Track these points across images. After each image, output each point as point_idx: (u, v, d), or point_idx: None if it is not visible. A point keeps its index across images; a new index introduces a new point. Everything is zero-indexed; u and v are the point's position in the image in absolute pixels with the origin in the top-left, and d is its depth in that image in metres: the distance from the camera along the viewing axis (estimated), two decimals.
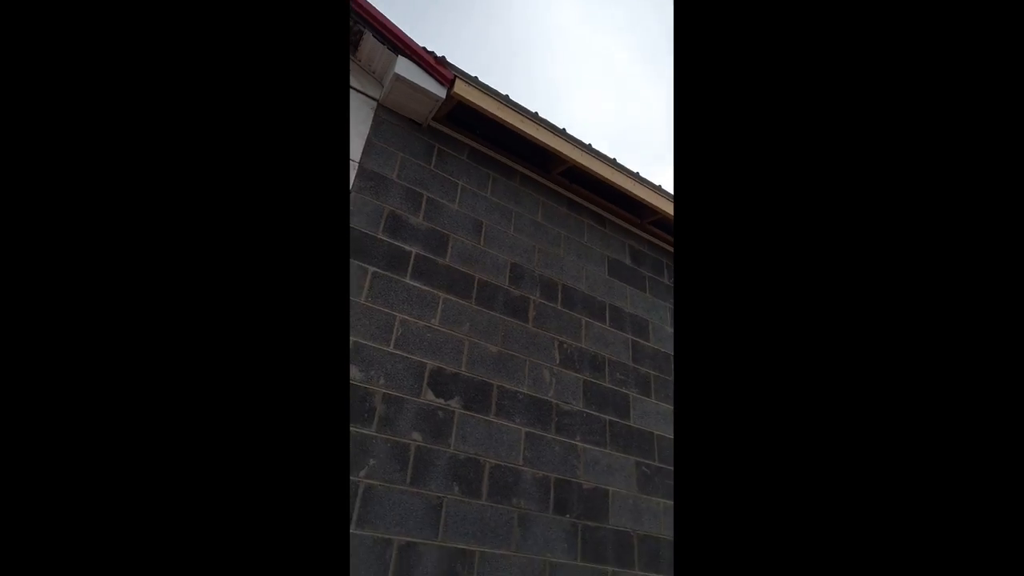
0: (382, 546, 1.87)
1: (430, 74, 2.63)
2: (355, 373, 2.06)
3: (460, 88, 2.67)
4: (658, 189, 3.35)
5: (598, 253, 3.21)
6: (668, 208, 3.35)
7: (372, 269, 2.30)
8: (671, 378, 3.11)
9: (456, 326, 2.42)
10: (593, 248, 3.20)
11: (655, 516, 2.64)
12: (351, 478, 1.90)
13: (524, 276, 2.79)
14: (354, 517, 1.86)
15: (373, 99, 2.70)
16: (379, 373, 2.12)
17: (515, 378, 2.49)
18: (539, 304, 2.77)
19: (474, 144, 2.95)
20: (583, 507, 2.42)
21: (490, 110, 2.75)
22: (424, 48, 2.65)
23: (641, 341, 3.09)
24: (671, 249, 3.60)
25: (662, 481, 2.76)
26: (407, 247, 2.45)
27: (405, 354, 2.22)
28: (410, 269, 2.41)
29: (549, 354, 2.67)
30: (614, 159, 3.18)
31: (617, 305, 3.11)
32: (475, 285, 2.58)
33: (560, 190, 3.21)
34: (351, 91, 2.62)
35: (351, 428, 1.97)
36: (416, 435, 2.10)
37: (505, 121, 2.79)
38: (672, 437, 2.92)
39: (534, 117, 2.91)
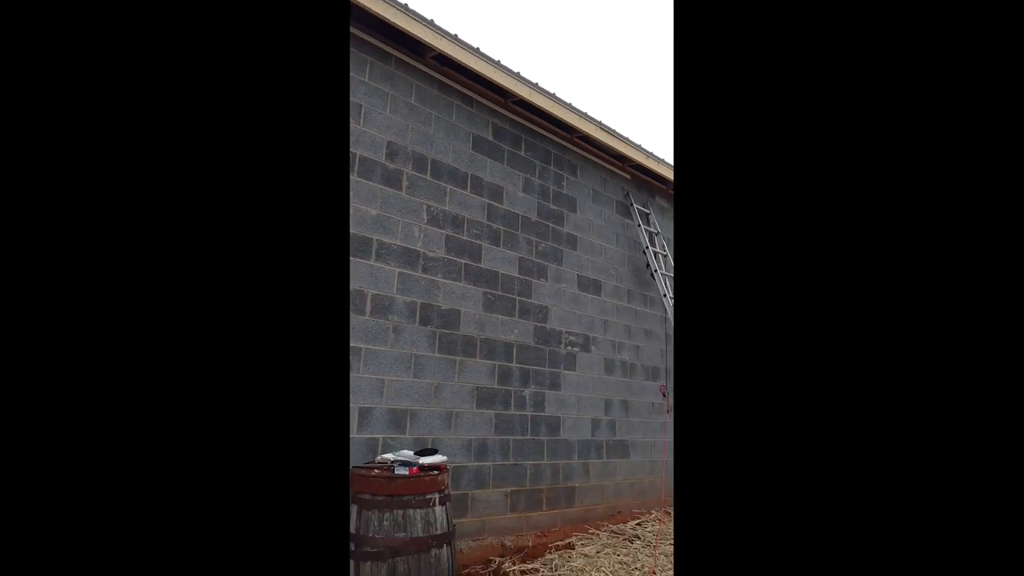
0: None
1: None
2: None
3: None
4: (517, 76, 4.00)
5: (464, 131, 3.93)
6: (525, 93, 4.04)
7: None
8: (517, 232, 4.12)
9: None
10: (460, 126, 3.91)
11: (495, 327, 3.82)
12: None
13: (398, 152, 3.51)
14: None
15: None
16: None
17: (390, 234, 3.36)
18: (411, 175, 3.55)
19: (353, 31, 3.40)
20: (441, 321, 3.52)
21: (362, 2, 3.19)
22: None
23: (495, 204, 4.01)
24: (529, 126, 4.37)
25: (502, 304, 3.91)
26: None
27: None
28: None
29: (419, 215, 3.53)
30: (477, 48, 3.75)
31: (478, 175, 3.95)
32: (356, 160, 3.29)
33: (432, 73, 3.78)
34: None
35: None
36: None
37: (373, 11, 3.25)
38: (514, 275, 4.02)
39: (403, 8, 3.37)
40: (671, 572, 3.19)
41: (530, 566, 3.18)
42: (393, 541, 2.31)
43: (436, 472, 2.58)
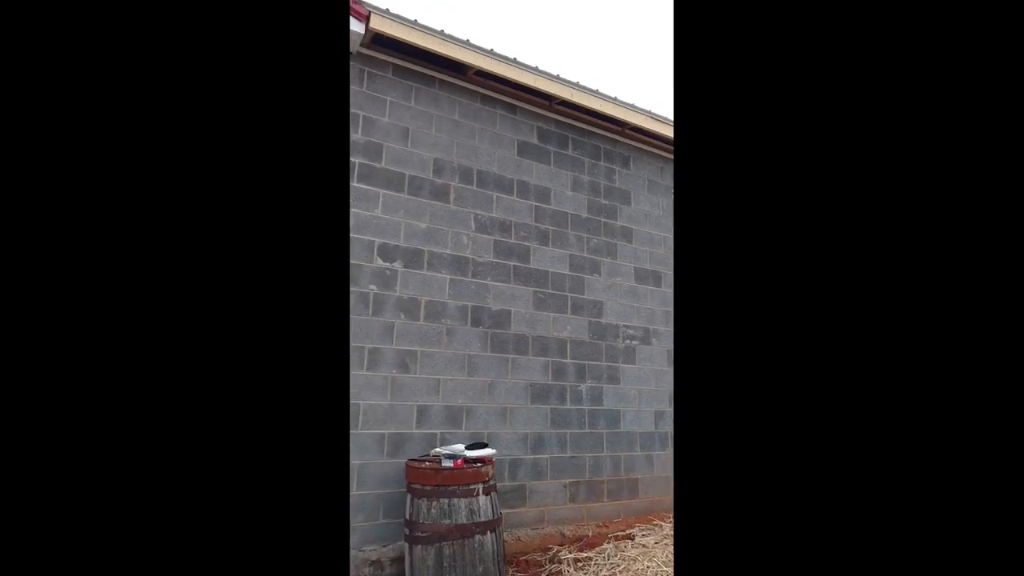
0: (359, 351, 3.22)
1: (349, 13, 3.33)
2: None
3: (375, 22, 3.37)
4: (557, 78, 4.09)
5: (509, 138, 4.09)
6: (567, 94, 4.11)
7: None
8: (567, 230, 4.22)
9: (393, 212, 3.50)
10: (504, 135, 4.08)
11: (546, 324, 3.97)
12: None
13: (445, 167, 3.76)
14: None
15: None
16: None
17: (441, 244, 3.63)
18: (458, 188, 3.79)
19: (397, 62, 3.69)
20: (492, 321, 3.74)
21: (402, 36, 3.47)
22: None
23: (542, 205, 4.14)
24: (576, 124, 4.43)
25: (553, 302, 4.04)
26: (351, 159, 3.42)
27: (358, 236, 3.35)
28: (355, 175, 3.42)
29: (467, 224, 3.77)
30: (515, 58, 3.89)
31: (524, 179, 4.10)
32: (406, 180, 3.59)
33: (475, 88, 3.99)
34: None
35: None
36: (372, 286, 3.34)
37: (413, 43, 3.52)
38: (564, 273, 4.13)
39: (440, 34, 3.60)
40: None
41: (585, 555, 3.32)
42: (439, 527, 2.58)
43: (480, 464, 2.81)
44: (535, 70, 3.98)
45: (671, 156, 4.98)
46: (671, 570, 3.10)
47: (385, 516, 3.09)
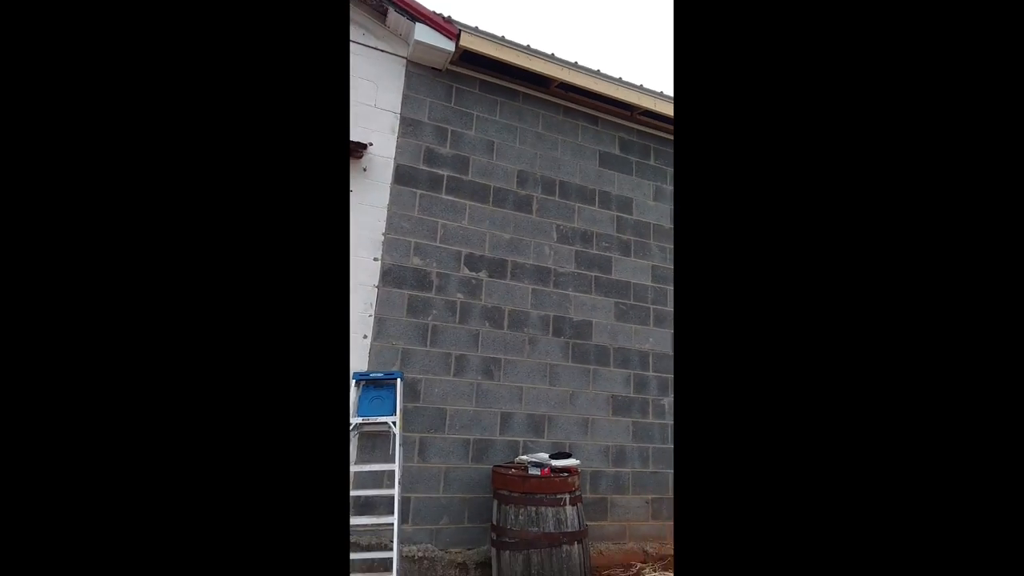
0: (446, 357, 3.31)
1: (440, 32, 3.49)
2: (417, 261, 3.36)
3: (464, 40, 3.51)
4: (640, 88, 4.07)
5: (590, 149, 4.11)
6: (649, 103, 4.08)
7: (419, 191, 3.47)
8: (649, 240, 4.16)
9: (479, 223, 3.60)
10: (586, 146, 4.10)
11: (627, 336, 3.92)
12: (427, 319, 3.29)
13: (528, 179, 3.83)
14: (428, 341, 3.29)
15: (403, 58, 3.62)
16: (432, 260, 3.40)
17: (523, 254, 3.69)
18: (540, 199, 3.84)
19: (483, 77, 3.82)
20: (573, 331, 3.73)
21: (490, 52, 3.58)
22: (434, 12, 3.47)
23: (624, 215, 4.11)
24: (657, 134, 4.37)
25: (635, 314, 3.99)
26: (440, 171, 3.56)
27: (447, 246, 3.46)
28: (444, 187, 3.55)
29: (549, 235, 3.81)
30: (598, 70, 3.92)
31: (605, 190, 4.09)
32: (491, 192, 3.68)
33: (557, 100, 4.04)
34: (386, 54, 3.56)
35: (419, 294, 3.33)
36: (459, 295, 3.44)
37: (501, 59, 3.62)
38: (646, 284, 4.07)
39: (526, 50, 3.69)
40: None
41: (669, 574, 3.21)
42: (527, 534, 2.59)
43: (567, 474, 2.80)
44: (618, 81, 3.98)
45: None
46: None
47: (470, 520, 3.13)
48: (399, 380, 2.96)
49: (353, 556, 2.62)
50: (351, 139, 3.25)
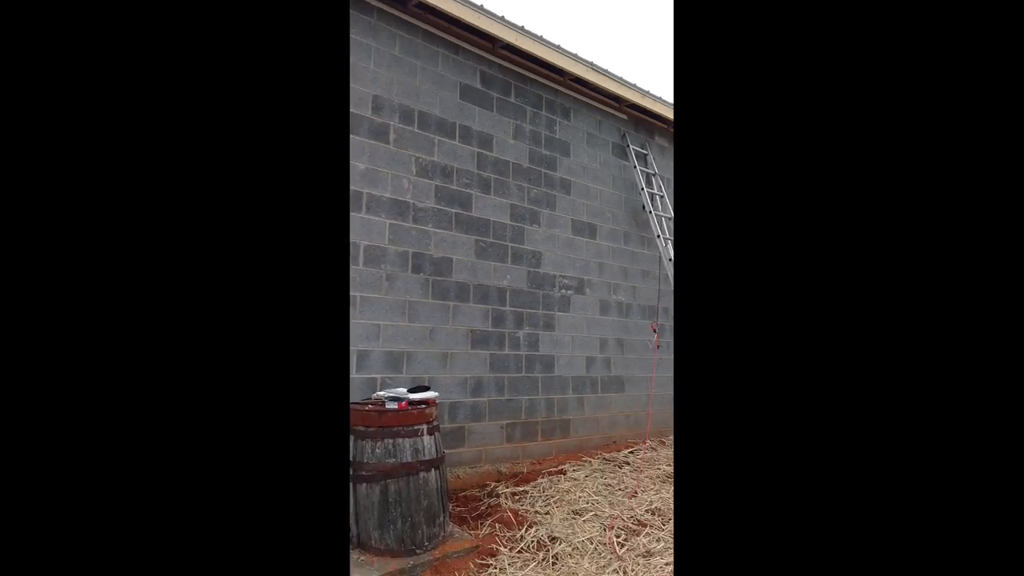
0: None
1: None
2: None
3: None
4: (502, 20, 3.97)
5: (451, 80, 3.96)
6: (511, 38, 4.01)
7: None
8: (508, 179, 4.21)
9: None
10: (447, 76, 3.94)
11: (487, 273, 4.01)
12: None
13: (384, 106, 3.59)
14: None
15: None
16: None
17: (380, 187, 3.52)
18: (398, 128, 3.65)
19: None
20: (433, 268, 3.71)
21: None
22: None
23: (485, 152, 4.09)
24: (519, 71, 4.35)
25: (494, 251, 4.07)
26: None
27: None
28: None
29: (407, 167, 3.66)
30: None
31: (466, 124, 4.01)
32: None
33: (416, 22, 3.79)
34: None
35: None
36: None
37: None
38: (505, 222, 4.15)
39: None
40: (653, 491, 3.48)
41: (521, 488, 3.51)
42: (384, 466, 2.62)
43: (424, 406, 2.85)
44: (479, 8, 3.84)
45: (609, 110, 5.05)
46: (600, 499, 3.36)
47: None
48: None
49: None
50: None
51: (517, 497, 3.39)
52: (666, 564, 2.53)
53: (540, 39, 4.18)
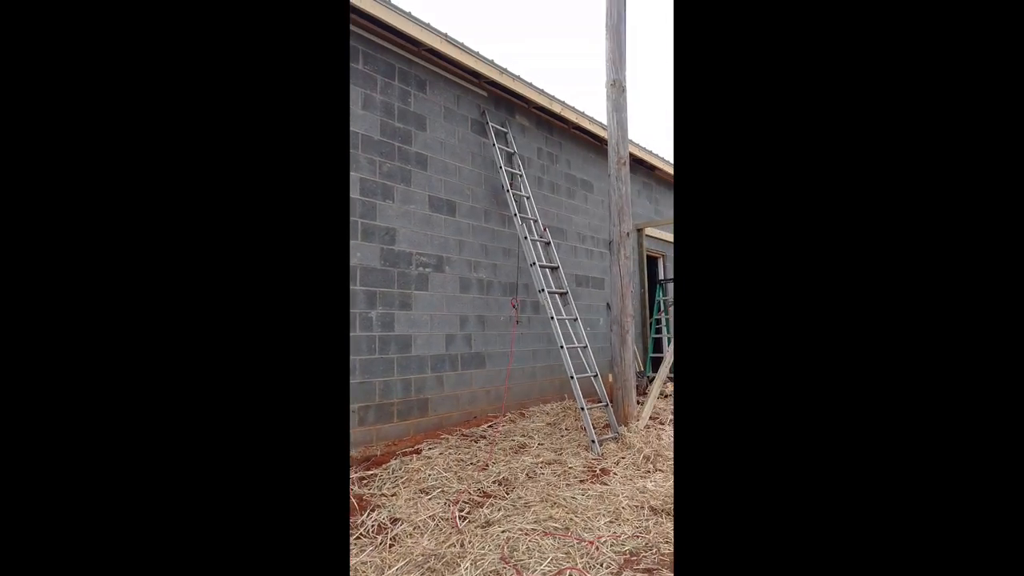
0: None
1: None
2: None
3: None
4: None
5: None
6: (355, 0, 3.77)
7: None
8: (357, 151, 3.99)
9: None
10: None
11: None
12: None
13: None
14: None
15: None
16: None
17: None
18: None
19: None
20: None
21: None
22: None
23: None
24: (369, 37, 4.11)
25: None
26: None
27: None
28: None
29: None
30: None
31: None
32: None
33: None
34: None
35: None
36: None
37: None
38: (355, 197, 3.95)
39: None
40: (503, 463, 3.58)
41: (371, 472, 3.43)
42: None
43: None
44: None
45: (468, 86, 4.99)
46: (450, 475, 3.39)
47: None
48: None
49: None
50: None
51: (365, 482, 3.31)
52: (502, 532, 2.62)
53: (388, 3, 3.98)
